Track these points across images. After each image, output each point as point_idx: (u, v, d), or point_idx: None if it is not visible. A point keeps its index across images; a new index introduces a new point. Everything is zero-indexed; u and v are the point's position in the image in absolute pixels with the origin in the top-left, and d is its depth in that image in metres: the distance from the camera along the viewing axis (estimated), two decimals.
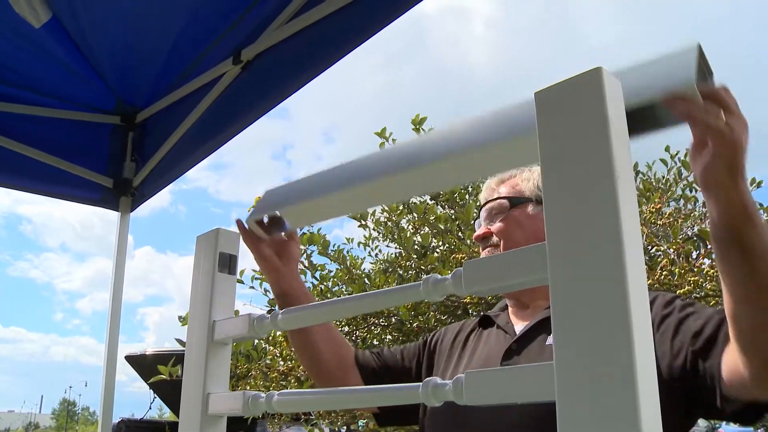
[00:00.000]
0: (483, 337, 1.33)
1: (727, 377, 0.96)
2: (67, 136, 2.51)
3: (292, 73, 1.90)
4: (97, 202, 2.61)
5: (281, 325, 0.90)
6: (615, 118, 0.56)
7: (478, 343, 1.33)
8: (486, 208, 1.38)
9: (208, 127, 2.21)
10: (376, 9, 1.64)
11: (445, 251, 3.02)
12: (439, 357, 1.38)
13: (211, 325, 1.03)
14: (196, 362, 1.03)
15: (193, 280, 1.10)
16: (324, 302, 0.89)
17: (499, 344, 1.26)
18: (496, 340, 1.29)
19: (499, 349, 1.24)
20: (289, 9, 1.88)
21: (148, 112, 2.52)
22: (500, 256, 0.63)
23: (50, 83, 2.37)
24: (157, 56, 2.21)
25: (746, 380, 0.91)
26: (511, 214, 1.32)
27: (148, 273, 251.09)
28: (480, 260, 0.64)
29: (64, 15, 2.01)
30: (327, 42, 1.78)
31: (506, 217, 1.33)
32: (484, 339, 1.32)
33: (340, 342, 1.42)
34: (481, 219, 1.39)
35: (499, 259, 0.63)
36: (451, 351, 1.36)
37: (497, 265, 0.63)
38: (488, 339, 1.31)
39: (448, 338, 1.41)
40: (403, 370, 1.41)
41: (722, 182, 0.77)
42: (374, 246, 3.53)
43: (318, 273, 3.33)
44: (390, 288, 0.74)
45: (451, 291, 0.67)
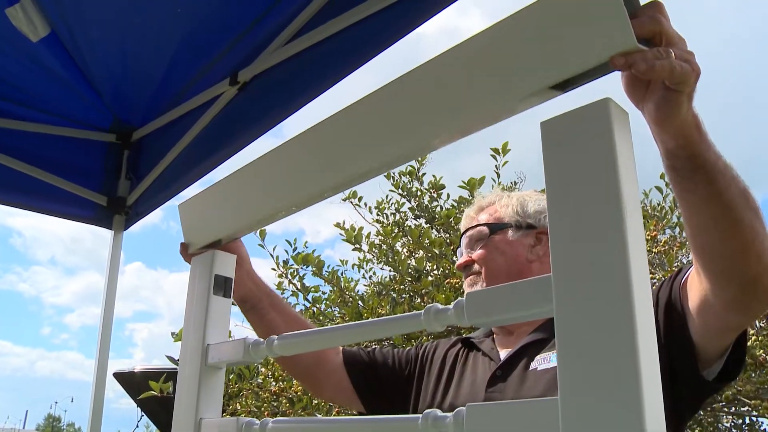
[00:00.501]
0: (469, 361, 1.34)
1: (696, 311, 0.98)
2: (61, 153, 2.50)
3: (289, 96, 1.90)
4: (90, 220, 2.59)
5: (277, 350, 0.89)
6: (623, 151, 0.55)
7: (464, 367, 1.33)
8: (466, 236, 1.39)
9: (204, 148, 2.21)
10: (373, 33, 1.64)
11: (439, 276, 3.01)
12: (429, 374, 1.38)
13: (204, 348, 1.01)
14: (189, 386, 1.02)
15: (188, 301, 1.08)
16: (323, 329, 0.88)
17: (485, 371, 1.27)
18: (482, 367, 1.29)
19: (484, 376, 1.25)
20: (287, 31, 1.88)
21: (144, 130, 2.51)
22: (504, 287, 0.62)
23: (47, 99, 2.36)
24: (154, 75, 2.21)
25: (717, 308, 0.93)
26: (492, 240, 1.34)
27: (138, 289, 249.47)
28: (483, 291, 0.64)
29: (63, 31, 2.01)
30: (324, 65, 1.79)
31: (486, 244, 1.34)
32: (470, 364, 1.33)
33: None
34: (462, 247, 1.40)
35: (503, 290, 0.63)
36: (440, 371, 1.36)
37: (501, 296, 0.62)
38: (474, 364, 1.32)
39: (438, 354, 1.41)
40: (392, 373, 1.41)
41: (681, 113, 0.73)
42: (368, 268, 3.52)
43: (310, 295, 3.31)
44: (390, 317, 0.73)
45: (452, 321, 0.66)
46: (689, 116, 0.75)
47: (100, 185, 2.59)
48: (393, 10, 1.57)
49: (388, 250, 3.28)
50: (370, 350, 1.44)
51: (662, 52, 0.65)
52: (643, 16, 0.66)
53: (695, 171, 0.80)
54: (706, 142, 0.79)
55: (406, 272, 2.96)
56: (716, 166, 0.80)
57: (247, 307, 1.31)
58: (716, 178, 0.80)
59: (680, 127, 0.75)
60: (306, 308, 3.30)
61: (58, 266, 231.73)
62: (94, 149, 2.56)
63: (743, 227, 0.83)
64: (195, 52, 2.07)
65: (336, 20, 1.71)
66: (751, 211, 0.84)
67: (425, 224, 3.28)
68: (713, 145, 0.80)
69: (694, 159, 0.79)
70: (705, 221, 0.85)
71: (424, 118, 0.72)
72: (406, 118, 0.74)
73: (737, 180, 0.83)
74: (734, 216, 0.83)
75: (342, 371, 1.38)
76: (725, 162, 0.82)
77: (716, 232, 0.85)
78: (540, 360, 1.18)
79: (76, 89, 2.27)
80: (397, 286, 3.16)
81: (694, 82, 0.70)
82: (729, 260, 0.87)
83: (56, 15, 1.94)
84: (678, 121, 0.74)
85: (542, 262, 1.32)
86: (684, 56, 0.68)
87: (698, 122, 0.77)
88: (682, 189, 0.83)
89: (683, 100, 0.71)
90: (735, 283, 0.88)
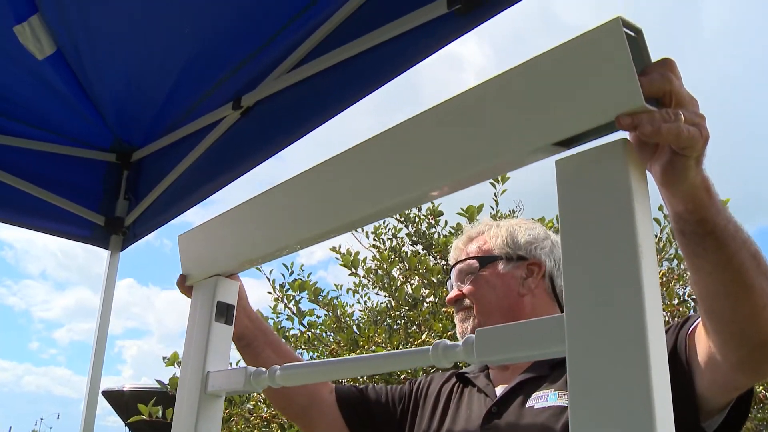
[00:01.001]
0: (464, 397, 1.32)
1: (703, 366, 0.96)
2: (60, 171, 2.49)
3: (292, 123, 1.90)
4: (87, 240, 2.58)
5: (279, 381, 0.88)
6: (639, 192, 0.55)
7: (459, 403, 1.31)
8: (456, 269, 1.36)
9: (205, 172, 2.20)
10: (378, 64, 1.65)
11: (436, 303, 2.99)
12: (423, 409, 1.36)
13: (204, 376, 1.00)
14: (187, 413, 1.00)
15: (188, 327, 1.07)
16: (327, 361, 0.87)
17: (480, 407, 1.25)
18: (477, 403, 1.27)
19: (479, 412, 1.23)
20: (292, 58, 1.89)
21: (144, 151, 2.51)
22: (515, 325, 0.62)
23: (47, 116, 2.35)
24: (158, 96, 2.22)
25: (725, 368, 0.91)
26: (481, 275, 1.31)
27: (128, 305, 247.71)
28: (494, 329, 0.63)
29: (68, 50, 2.02)
30: (328, 93, 1.79)
31: (476, 279, 1.31)
32: (465, 400, 1.31)
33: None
34: (453, 280, 1.37)
35: (514, 328, 0.62)
36: (434, 406, 1.34)
37: (512, 334, 0.62)
38: (469, 400, 1.30)
39: (433, 389, 1.38)
40: (385, 409, 1.38)
41: (690, 177, 0.71)
42: (363, 293, 3.50)
43: (306, 320, 3.29)
44: (398, 351, 0.73)
45: (461, 358, 0.66)
46: (698, 179, 0.73)
47: (97, 205, 2.58)
48: (398, 43, 1.58)
49: (384, 275, 3.27)
50: (363, 387, 1.40)
51: (670, 114, 0.63)
52: (653, 74, 0.64)
53: (705, 236, 0.77)
54: (715, 206, 0.76)
55: (402, 299, 2.94)
56: (726, 231, 0.78)
57: (242, 344, 1.28)
58: (726, 242, 0.78)
59: (689, 191, 0.73)
60: (301, 333, 3.28)
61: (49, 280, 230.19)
62: (94, 168, 2.56)
63: (754, 292, 0.81)
64: (199, 75, 2.08)
65: (341, 49, 1.72)
66: (763, 276, 0.81)
67: (422, 251, 3.27)
68: (723, 209, 0.78)
69: (703, 224, 0.76)
70: (715, 286, 0.82)
71: (424, 169, 0.72)
72: (407, 168, 0.74)
73: (748, 243, 0.81)
74: (745, 281, 0.80)
75: (335, 410, 1.35)
76: (736, 225, 0.80)
77: (726, 298, 0.83)
78: (537, 398, 1.17)
79: (77, 108, 2.27)
80: (393, 312, 3.14)
81: (703, 147, 0.68)
82: (739, 325, 0.85)
83: (63, 33, 1.95)
84: (686, 185, 0.72)
85: (534, 294, 1.30)
86: (693, 119, 0.65)
87: (708, 185, 0.75)
88: (690, 253, 0.81)
89: (690, 164, 0.69)
90: (745, 347, 0.86)
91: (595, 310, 0.55)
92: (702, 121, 0.67)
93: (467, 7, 1.39)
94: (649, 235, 0.56)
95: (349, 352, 2.92)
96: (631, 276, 0.54)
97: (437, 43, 1.48)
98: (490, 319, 1.26)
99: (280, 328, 3.30)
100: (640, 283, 0.53)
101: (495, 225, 1.39)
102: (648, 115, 0.60)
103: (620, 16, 0.59)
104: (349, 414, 1.35)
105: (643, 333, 0.52)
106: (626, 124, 0.59)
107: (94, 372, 2.40)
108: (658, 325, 0.54)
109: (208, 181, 2.17)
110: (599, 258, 0.56)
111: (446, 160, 0.70)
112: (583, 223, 0.58)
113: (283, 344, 1.42)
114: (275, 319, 3.30)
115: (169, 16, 1.85)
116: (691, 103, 0.67)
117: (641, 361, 0.52)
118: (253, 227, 0.94)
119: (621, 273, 0.54)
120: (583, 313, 0.56)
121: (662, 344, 0.54)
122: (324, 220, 0.82)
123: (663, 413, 0.51)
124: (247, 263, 0.99)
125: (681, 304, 2.41)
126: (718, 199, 0.77)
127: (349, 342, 2.97)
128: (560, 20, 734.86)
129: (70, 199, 2.50)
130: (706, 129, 0.67)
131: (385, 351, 2.71)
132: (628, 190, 0.55)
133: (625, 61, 0.57)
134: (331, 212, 0.81)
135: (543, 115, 0.61)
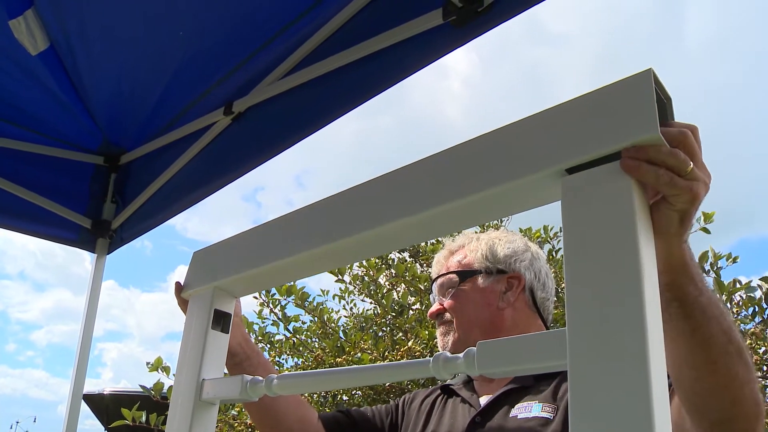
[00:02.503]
0: (447, 407, 1.32)
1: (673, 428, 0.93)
2: (46, 173, 2.46)
3: (283, 130, 1.90)
4: (73, 242, 2.55)
5: (276, 389, 0.89)
6: (642, 209, 0.57)
7: (443, 412, 1.32)
8: (437, 284, 1.37)
9: (194, 177, 2.19)
10: (372, 74, 1.65)
11: (422, 311, 3.00)
12: (406, 420, 1.38)
13: (200, 383, 1.00)
14: (181, 421, 1.00)
15: (184, 335, 1.07)
16: (327, 370, 0.87)
17: (464, 416, 1.26)
18: (461, 413, 1.28)
19: (463, 422, 1.24)
20: (285, 65, 1.89)
21: (133, 154, 2.50)
22: (518, 338, 0.63)
23: (37, 115, 2.32)
24: (148, 100, 2.21)
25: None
26: (461, 289, 1.32)
27: (109, 307, 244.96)
28: (496, 341, 0.64)
29: (61, 47, 2.00)
30: (320, 102, 1.79)
31: (456, 293, 1.32)
32: (449, 410, 1.31)
33: (302, 402, 1.40)
34: (435, 293, 1.38)
35: (516, 342, 0.63)
36: (417, 417, 1.35)
37: (513, 347, 0.63)
38: (453, 410, 1.30)
39: (416, 403, 1.40)
40: (373, 426, 1.39)
41: (668, 234, 0.69)
42: (350, 300, 3.51)
43: (291, 325, 3.29)
44: (397, 362, 0.73)
45: (462, 370, 0.66)
46: (676, 243, 0.71)
47: (84, 207, 2.56)
48: (392, 53, 1.58)
49: (371, 282, 3.28)
50: (347, 410, 1.42)
51: (664, 155, 0.61)
52: (674, 127, 0.63)
53: (669, 302, 0.75)
54: (688, 275, 0.75)
55: (389, 306, 2.95)
56: (696, 302, 0.76)
57: (235, 361, 1.26)
58: (692, 313, 0.76)
59: (664, 251, 0.69)
60: (286, 338, 3.27)
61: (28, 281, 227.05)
62: (81, 170, 2.54)
63: (716, 368, 0.78)
64: (192, 79, 2.07)
65: (334, 58, 1.72)
66: (731, 355, 0.78)
67: (409, 258, 3.29)
68: (699, 280, 0.76)
69: (671, 288, 0.75)
70: (677, 354, 0.80)
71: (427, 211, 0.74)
72: (413, 207, 0.75)
73: (720, 319, 0.78)
74: (708, 356, 0.78)
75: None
76: (709, 298, 0.77)
77: (689, 368, 0.80)
78: (521, 408, 1.18)
79: (68, 105, 2.24)
80: (379, 320, 3.15)
81: (689, 205, 0.66)
82: (701, 398, 0.82)
83: (57, 29, 1.92)
84: (662, 243, 0.68)
85: (515, 308, 1.30)
86: (691, 176, 0.64)
87: (685, 253, 0.73)
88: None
89: (673, 218, 0.67)
90: (707, 421, 0.84)
91: (597, 325, 0.56)
92: (698, 182, 0.65)
93: (462, 19, 1.40)
94: (651, 253, 0.58)
95: (335, 358, 2.92)
96: (633, 292, 0.55)
97: (432, 55, 1.49)
98: (470, 333, 1.27)
99: (265, 333, 3.29)
100: (642, 299, 0.54)
101: (475, 238, 1.39)
102: (644, 147, 0.59)
103: (652, 69, 0.60)
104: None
105: (644, 348, 0.54)
106: (628, 154, 0.59)
107: (77, 375, 2.38)
108: (659, 340, 0.55)
109: (197, 187, 2.17)
110: (602, 274, 0.57)
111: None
112: (587, 239, 0.59)
113: (273, 368, 1.41)
114: (260, 324, 3.30)
115: (165, 18, 1.84)
116: (701, 165, 0.66)
117: (642, 375, 0.53)
118: (263, 247, 0.94)
119: (623, 289, 0.56)
120: (584, 327, 0.57)
121: (662, 360, 0.55)
122: (333, 251, 0.83)
123: (662, 427, 0.53)
124: (249, 283, 0.99)
125: None
126: (695, 270, 0.75)
127: (334, 348, 2.97)
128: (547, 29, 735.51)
129: (56, 201, 2.48)
130: (697, 190, 0.65)
131: (372, 357, 2.72)
132: (631, 207, 0.57)
133: (648, 97, 0.59)
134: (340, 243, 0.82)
135: (559, 143, 0.63)
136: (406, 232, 0.76)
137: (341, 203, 0.84)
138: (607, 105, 0.61)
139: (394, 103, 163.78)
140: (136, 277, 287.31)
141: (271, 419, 1.33)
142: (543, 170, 0.63)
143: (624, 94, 0.61)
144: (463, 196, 0.69)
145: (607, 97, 0.62)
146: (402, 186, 0.77)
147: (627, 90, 0.61)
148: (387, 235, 0.77)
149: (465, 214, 0.72)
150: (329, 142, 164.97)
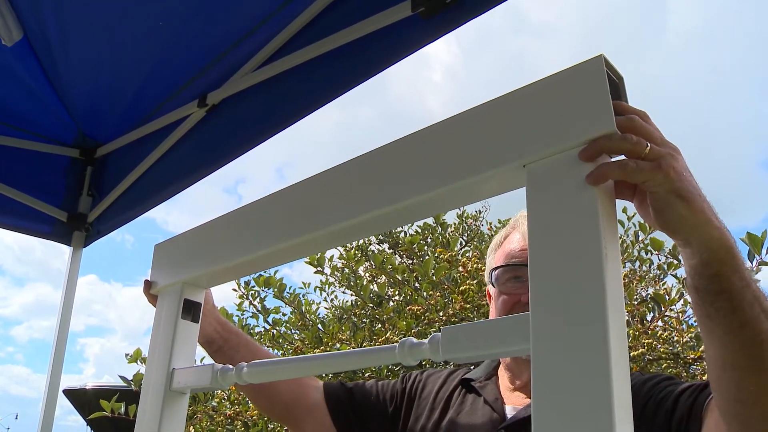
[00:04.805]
0: (466, 404, 1.23)
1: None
2: (21, 166, 2.44)
3: (258, 122, 1.89)
4: (49, 236, 2.53)
5: (246, 377, 0.89)
6: (604, 194, 0.58)
7: (461, 408, 1.23)
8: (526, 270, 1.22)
9: (171, 169, 2.19)
10: (346, 67, 1.65)
11: (401, 302, 3.02)
12: (417, 409, 1.29)
13: (170, 372, 1.01)
14: (152, 410, 1.01)
15: (154, 325, 1.08)
16: (294, 358, 0.88)
17: (485, 422, 1.16)
18: (482, 415, 1.18)
19: (484, 428, 1.15)
20: (257, 57, 1.88)
21: (108, 147, 2.48)
22: (481, 323, 0.63)
23: (11, 107, 2.29)
24: (124, 94, 2.19)
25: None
26: None
27: (90, 302, 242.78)
28: (460, 326, 0.65)
29: (36, 37, 1.97)
30: (297, 95, 1.79)
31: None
32: (467, 407, 1.22)
33: (297, 380, 1.32)
34: (518, 277, 1.20)
35: (480, 326, 0.64)
36: (432, 406, 1.27)
37: (477, 332, 0.63)
38: (472, 409, 1.21)
39: (429, 390, 1.31)
40: (375, 409, 1.32)
41: (683, 219, 0.66)
42: (330, 291, 3.52)
43: (271, 317, 3.29)
44: (365, 349, 0.74)
45: (427, 356, 0.67)
46: (708, 229, 0.67)
47: (60, 200, 2.54)
48: (366, 45, 1.59)
49: (351, 274, 3.29)
50: (352, 385, 1.35)
51: (616, 142, 0.60)
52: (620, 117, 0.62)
53: (718, 294, 0.70)
54: (733, 265, 0.70)
55: (368, 297, 2.97)
56: (742, 294, 0.70)
57: (214, 349, 1.25)
58: (741, 306, 0.70)
59: (703, 243, 0.67)
60: (266, 330, 3.27)
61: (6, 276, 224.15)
62: (56, 163, 2.52)
63: (764, 369, 0.72)
64: (166, 76, 2.06)
65: (306, 49, 1.72)
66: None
67: (389, 249, 3.30)
68: (744, 271, 0.71)
69: (717, 280, 0.70)
70: (722, 354, 0.75)
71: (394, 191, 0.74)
72: (374, 192, 0.75)
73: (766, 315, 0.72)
74: (757, 354, 0.72)
75: (323, 408, 1.29)
76: (756, 292, 0.72)
77: (734, 369, 0.74)
78: None
79: (42, 98, 2.22)
80: (359, 311, 3.16)
81: (666, 180, 0.63)
82: (744, 405, 0.75)
83: (32, 19, 1.89)
84: (688, 229, 0.66)
85: None
86: (654, 154, 0.63)
87: (726, 242, 0.69)
88: (703, 314, 0.73)
89: (669, 201, 0.64)
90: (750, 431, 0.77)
91: (560, 310, 0.57)
92: (664, 157, 0.63)
93: (430, 10, 1.41)
94: (614, 237, 0.59)
95: (313, 349, 2.93)
96: (595, 277, 0.56)
97: (407, 48, 1.50)
98: None
99: (244, 326, 3.30)
100: (604, 283, 0.55)
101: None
102: (602, 138, 0.60)
103: (603, 54, 0.61)
104: (338, 413, 1.30)
105: (605, 331, 0.54)
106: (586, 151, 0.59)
107: (54, 370, 2.37)
108: (620, 323, 0.56)
109: (174, 179, 2.16)
110: (565, 259, 0.58)
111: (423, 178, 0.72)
112: (550, 224, 0.60)
113: (258, 346, 1.37)
114: (240, 316, 3.30)
115: (142, 11, 1.83)
116: (662, 142, 0.65)
117: (603, 357, 0.54)
118: (228, 240, 0.95)
119: (585, 274, 0.56)
120: (547, 312, 0.58)
121: (624, 342, 0.56)
122: (305, 237, 0.83)
123: (622, 413, 0.53)
124: (217, 276, 1.00)
125: (641, 304, 2.47)
126: (740, 261, 0.71)
127: (313, 340, 2.98)
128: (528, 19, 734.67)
129: (29, 194, 2.46)
130: (666, 162, 0.63)
131: (350, 348, 2.73)
132: (593, 193, 0.58)
133: (602, 91, 0.60)
134: (306, 227, 0.82)
135: (518, 138, 0.64)
136: (371, 223, 0.77)
137: (302, 194, 0.85)
138: (563, 95, 0.62)
139: (377, 94, 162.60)
140: (117, 271, 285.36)
141: (264, 400, 1.32)
142: (505, 165, 0.64)
143: (578, 83, 0.62)
144: (430, 189, 0.70)
145: (563, 86, 0.63)
146: (365, 178, 0.78)
147: (581, 78, 0.62)
148: (357, 225, 0.78)
149: (431, 205, 0.73)
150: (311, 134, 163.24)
